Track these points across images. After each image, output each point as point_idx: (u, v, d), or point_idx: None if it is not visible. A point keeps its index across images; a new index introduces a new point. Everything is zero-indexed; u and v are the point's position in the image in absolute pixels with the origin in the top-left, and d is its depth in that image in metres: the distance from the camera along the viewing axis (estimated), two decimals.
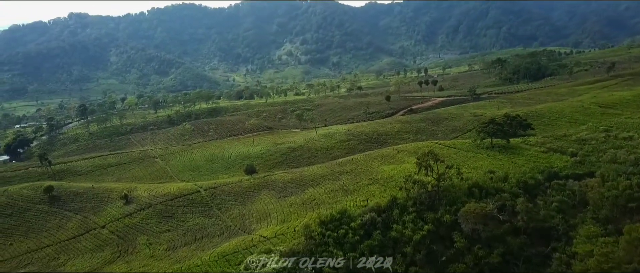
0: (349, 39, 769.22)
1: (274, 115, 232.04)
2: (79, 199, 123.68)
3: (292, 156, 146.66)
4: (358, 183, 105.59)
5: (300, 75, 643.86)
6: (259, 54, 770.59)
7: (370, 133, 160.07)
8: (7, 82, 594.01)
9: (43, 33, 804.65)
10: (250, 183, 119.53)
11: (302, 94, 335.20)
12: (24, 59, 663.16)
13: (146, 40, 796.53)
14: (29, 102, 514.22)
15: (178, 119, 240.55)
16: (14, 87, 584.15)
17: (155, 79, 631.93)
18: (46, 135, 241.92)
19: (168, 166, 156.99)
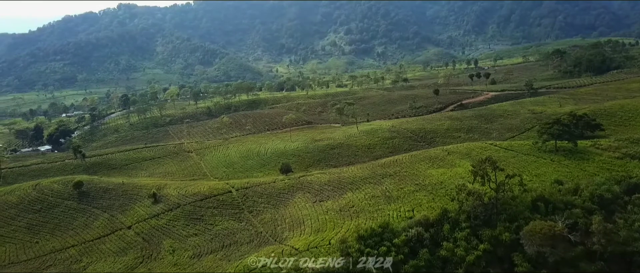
0: (394, 29, 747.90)
1: (313, 108, 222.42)
2: (108, 196, 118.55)
3: (330, 154, 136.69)
4: (402, 189, 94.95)
5: (344, 65, 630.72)
6: (303, 45, 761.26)
7: (417, 130, 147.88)
8: (59, 71, 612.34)
9: (93, 23, 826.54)
10: (284, 184, 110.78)
11: (345, 86, 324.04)
12: (74, 48, 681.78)
13: (191, 30, 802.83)
14: (78, 90, 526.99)
15: (217, 111, 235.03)
16: (65, 76, 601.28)
17: (199, 69, 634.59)
18: (88, 125, 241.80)
19: (202, 161, 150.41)
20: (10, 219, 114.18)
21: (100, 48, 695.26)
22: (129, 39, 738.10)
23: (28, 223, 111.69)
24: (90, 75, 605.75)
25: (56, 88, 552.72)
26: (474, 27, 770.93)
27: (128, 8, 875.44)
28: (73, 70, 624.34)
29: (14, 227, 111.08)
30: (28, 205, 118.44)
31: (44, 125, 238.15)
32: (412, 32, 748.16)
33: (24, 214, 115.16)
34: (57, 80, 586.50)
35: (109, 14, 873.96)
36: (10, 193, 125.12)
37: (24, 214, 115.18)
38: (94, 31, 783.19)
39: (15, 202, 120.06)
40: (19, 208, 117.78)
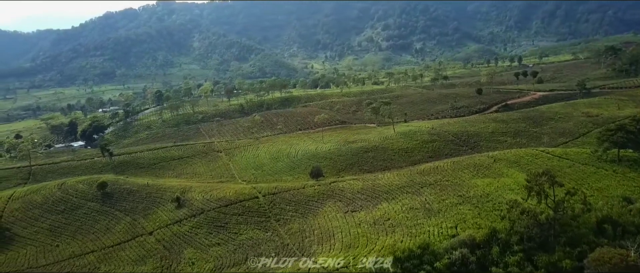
0: (433, 24, 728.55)
1: (348, 107, 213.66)
2: (131, 198, 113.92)
3: (364, 158, 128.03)
4: (444, 201, 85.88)
5: (380, 62, 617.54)
6: (339, 40, 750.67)
7: (459, 133, 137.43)
8: (98, 67, 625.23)
9: (133, 19, 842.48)
10: (314, 190, 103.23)
11: (381, 84, 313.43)
12: (114, 44, 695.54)
13: (228, 26, 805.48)
14: (117, 85, 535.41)
15: (249, 109, 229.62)
16: (104, 71, 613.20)
17: (235, 65, 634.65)
18: (121, 121, 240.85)
19: (231, 162, 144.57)
20: (34, 220, 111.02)
21: (138, 44, 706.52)
22: (167, 35, 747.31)
23: (51, 225, 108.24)
24: (129, 70, 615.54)
25: (96, 83, 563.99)
26: (516, 23, 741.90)
27: (166, 4, 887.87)
28: (112, 65, 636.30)
29: (36, 228, 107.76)
30: (52, 205, 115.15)
31: (78, 121, 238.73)
32: (452, 28, 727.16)
33: (48, 215, 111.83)
34: (97, 75, 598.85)
35: (148, 10, 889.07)
36: (36, 193, 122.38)
37: (47, 215, 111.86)
38: (133, 27, 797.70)
39: (40, 202, 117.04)
40: (43, 208, 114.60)
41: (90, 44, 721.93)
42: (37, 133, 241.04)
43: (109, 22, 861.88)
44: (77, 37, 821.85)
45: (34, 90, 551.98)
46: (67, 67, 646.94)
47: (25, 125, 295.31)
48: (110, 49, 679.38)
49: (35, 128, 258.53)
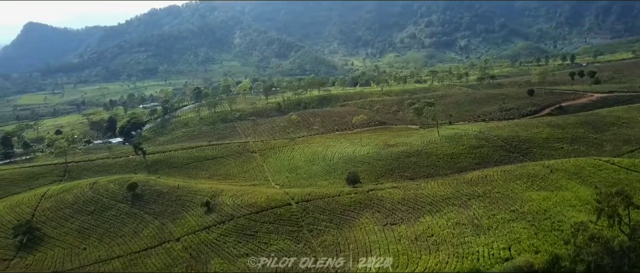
0: (479, 21, 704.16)
1: (388, 106, 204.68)
2: (161, 200, 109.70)
3: (406, 163, 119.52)
4: (495, 216, 77.13)
5: (423, 59, 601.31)
6: (380, 37, 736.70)
7: (509, 138, 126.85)
8: (142, 63, 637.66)
9: (176, 16, 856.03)
10: (351, 198, 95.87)
11: (424, 82, 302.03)
12: (157, 40, 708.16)
13: (269, 22, 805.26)
14: (159, 81, 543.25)
15: (286, 107, 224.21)
16: (148, 67, 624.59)
17: (275, 62, 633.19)
18: (160, 118, 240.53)
19: (265, 164, 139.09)
20: (64, 220, 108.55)
21: (181, 40, 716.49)
22: (209, 31, 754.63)
23: (80, 226, 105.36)
24: (171, 66, 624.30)
25: (139, 78, 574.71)
26: (567, 19, 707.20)
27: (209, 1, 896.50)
28: (155, 61, 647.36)
29: (66, 229, 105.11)
30: (82, 205, 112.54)
31: (117, 117, 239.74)
32: (499, 24, 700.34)
33: (78, 215, 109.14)
34: (140, 71, 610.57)
35: (191, 7, 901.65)
36: (68, 191, 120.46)
37: (77, 215, 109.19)
38: (177, 24, 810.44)
39: (71, 201, 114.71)
40: (73, 208, 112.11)
41: (134, 40, 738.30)
42: (78, 128, 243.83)
43: (153, 19, 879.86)
44: (122, 33, 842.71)
45: (81, 85, 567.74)
46: (112, 63, 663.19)
47: (68, 120, 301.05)
48: (154, 46, 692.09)
49: (78, 123, 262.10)
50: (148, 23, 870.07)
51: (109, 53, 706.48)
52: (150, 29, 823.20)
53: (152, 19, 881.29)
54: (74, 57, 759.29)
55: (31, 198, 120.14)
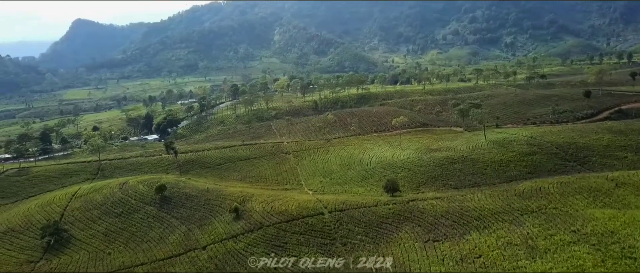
0: (526, 17, 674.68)
1: (431, 107, 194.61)
2: (189, 204, 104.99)
3: (449, 170, 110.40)
4: (552, 236, 68.50)
5: (466, 56, 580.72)
6: (422, 33, 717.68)
7: (564, 144, 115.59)
8: (183, 59, 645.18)
9: (217, 13, 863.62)
10: (389, 209, 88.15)
11: (468, 81, 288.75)
12: (198, 37, 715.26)
13: (309, 19, 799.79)
14: (199, 77, 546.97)
15: (323, 106, 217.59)
16: (188, 63, 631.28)
17: (314, 58, 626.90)
18: (196, 115, 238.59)
19: (299, 166, 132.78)
20: (92, 221, 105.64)
21: (221, 36, 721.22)
22: (249, 28, 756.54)
23: (106, 229, 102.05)
24: (211, 62, 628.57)
25: (179, 74, 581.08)
26: (622, 15, 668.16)
27: None
28: (195, 57, 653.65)
29: (92, 232, 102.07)
30: (111, 207, 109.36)
31: (154, 114, 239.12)
32: (547, 20, 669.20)
33: (105, 217, 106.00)
34: (181, 67, 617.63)
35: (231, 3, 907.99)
36: (98, 191, 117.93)
37: (105, 217, 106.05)
38: (217, 20, 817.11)
39: (100, 202, 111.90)
40: (102, 209, 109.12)
41: (176, 36, 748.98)
42: (117, 124, 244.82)
43: (195, 15, 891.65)
44: (165, 30, 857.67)
45: (123, 81, 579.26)
46: (154, 59, 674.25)
47: (108, 115, 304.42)
48: (195, 42, 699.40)
49: (117, 119, 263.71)
50: (190, 19, 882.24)
51: (151, 49, 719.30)
52: (191, 25, 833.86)
53: (194, 16, 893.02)
54: (118, 53, 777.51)
55: (62, 198, 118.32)
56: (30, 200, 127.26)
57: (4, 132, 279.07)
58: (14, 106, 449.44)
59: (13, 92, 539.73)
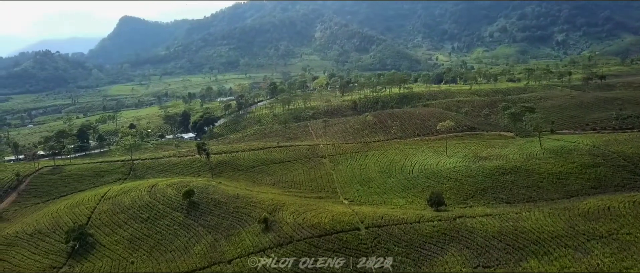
0: (579, 14, 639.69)
1: (478, 109, 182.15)
2: (217, 211, 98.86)
3: (500, 182, 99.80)
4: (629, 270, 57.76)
5: (515, 55, 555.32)
6: (467, 31, 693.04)
7: (634, 156, 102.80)
8: (224, 55, 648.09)
9: (259, 9, 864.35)
10: (433, 227, 79.17)
11: (517, 81, 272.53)
12: (239, 33, 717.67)
13: (351, 16, 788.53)
14: (239, 74, 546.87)
15: (363, 106, 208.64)
16: (229, 60, 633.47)
17: (355, 56, 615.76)
18: (233, 113, 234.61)
19: (335, 172, 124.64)
20: (118, 226, 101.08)
21: (262, 33, 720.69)
22: (290, 25, 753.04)
23: (131, 235, 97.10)
24: (252, 59, 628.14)
25: (220, 71, 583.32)
26: None
27: None
28: (236, 54, 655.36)
29: (117, 238, 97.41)
30: (138, 211, 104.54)
31: (192, 112, 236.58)
32: (603, 17, 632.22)
33: (131, 222, 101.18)
34: (222, 64, 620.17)
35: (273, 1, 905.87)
36: (126, 194, 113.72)
37: (131, 222, 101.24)
38: (259, 17, 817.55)
39: (127, 205, 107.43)
40: (128, 213, 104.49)
41: (218, 33, 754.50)
42: (155, 121, 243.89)
43: (237, 12, 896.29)
44: (207, 26, 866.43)
45: (166, 77, 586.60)
46: (196, 56, 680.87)
47: (148, 112, 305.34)
48: (236, 39, 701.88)
49: (155, 116, 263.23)
50: (232, 16, 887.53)
51: (193, 46, 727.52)
52: (234, 22, 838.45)
53: (236, 13, 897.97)
54: (162, 49, 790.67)
55: (91, 199, 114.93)
56: (61, 200, 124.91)
57: (48, 127, 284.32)
58: (61, 101, 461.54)
59: (61, 87, 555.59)
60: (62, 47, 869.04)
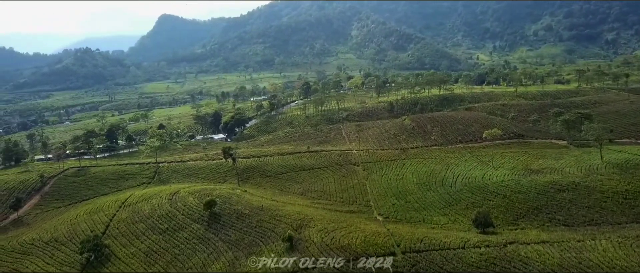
0: (632, 11, 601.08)
1: (526, 113, 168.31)
2: (239, 225, 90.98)
3: (557, 201, 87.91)
4: None
5: (561, 54, 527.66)
6: (510, 29, 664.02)
7: None
8: (259, 54, 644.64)
9: (295, 7, 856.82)
10: (479, 255, 68.96)
11: (566, 83, 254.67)
12: (275, 32, 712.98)
13: (388, 13, 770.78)
14: (274, 73, 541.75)
15: (400, 108, 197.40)
16: (264, 58, 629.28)
17: (392, 54, 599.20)
18: (266, 114, 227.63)
19: (368, 182, 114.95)
20: (135, 237, 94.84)
21: (298, 31, 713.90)
22: (326, 23, 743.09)
23: (148, 248, 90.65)
24: (287, 58, 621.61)
25: (255, 70, 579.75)
26: None
27: None
28: (272, 52, 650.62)
29: (134, 250, 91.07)
30: (157, 220, 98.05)
31: (223, 112, 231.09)
32: None
33: (149, 233, 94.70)
34: (257, 62, 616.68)
35: None
36: (147, 201, 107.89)
37: (149, 233, 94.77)
38: (295, 15, 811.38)
39: (146, 214, 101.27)
40: (147, 223, 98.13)
41: (254, 31, 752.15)
42: (186, 121, 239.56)
43: (273, 10, 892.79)
44: (243, 24, 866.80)
45: (201, 75, 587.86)
46: (232, 54, 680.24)
47: (180, 110, 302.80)
48: (272, 37, 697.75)
49: (188, 115, 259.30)
50: (268, 14, 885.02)
51: (229, 44, 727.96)
52: (270, 20, 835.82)
53: (272, 10, 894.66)
54: (198, 47, 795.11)
55: (111, 205, 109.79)
56: (82, 205, 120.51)
57: (82, 125, 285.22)
58: (99, 98, 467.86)
59: (100, 84, 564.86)
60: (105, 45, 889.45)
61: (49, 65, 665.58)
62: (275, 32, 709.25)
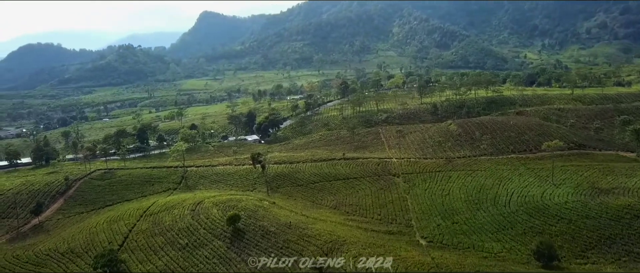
0: None
1: (586, 120, 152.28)
2: (264, 244, 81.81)
3: (634, 229, 74.56)
4: None
5: (616, 53, 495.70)
6: (561, 26, 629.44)
7: None
8: (298, 51, 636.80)
9: (335, 4, 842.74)
10: None
11: (628, 85, 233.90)
12: (314, 29, 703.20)
13: (431, 10, 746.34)
14: (312, 71, 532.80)
15: (444, 111, 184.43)
16: (303, 56, 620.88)
17: (435, 52, 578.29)
18: (302, 114, 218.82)
19: (410, 196, 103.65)
20: (153, 252, 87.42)
21: (337, 28, 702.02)
22: (366, 19, 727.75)
23: (165, 265, 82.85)
24: (326, 55, 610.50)
25: (293, 67, 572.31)
26: None
27: None
28: (310, 50, 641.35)
29: (150, 267, 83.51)
30: (177, 234, 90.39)
31: (257, 112, 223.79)
32: None
33: (168, 249, 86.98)
34: (296, 60, 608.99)
35: None
36: (168, 211, 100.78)
37: (167, 248, 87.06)
38: (335, 12, 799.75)
39: (167, 226, 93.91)
40: (167, 236, 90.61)
41: (293, 28, 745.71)
42: (220, 121, 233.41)
43: (312, 7, 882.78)
44: (283, 21, 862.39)
45: (240, 72, 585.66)
46: (271, 51, 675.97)
47: (216, 109, 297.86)
48: (311, 34, 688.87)
49: (222, 114, 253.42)
50: (308, 11, 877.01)
51: (268, 41, 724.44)
52: (309, 17, 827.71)
53: (312, 7, 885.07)
54: (237, 44, 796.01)
55: (132, 214, 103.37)
56: (104, 212, 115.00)
57: (119, 122, 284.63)
58: (138, 94, 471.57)
59: (140, 81, 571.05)
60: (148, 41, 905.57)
61: (93, 61, 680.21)
62: (314, 29, 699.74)
